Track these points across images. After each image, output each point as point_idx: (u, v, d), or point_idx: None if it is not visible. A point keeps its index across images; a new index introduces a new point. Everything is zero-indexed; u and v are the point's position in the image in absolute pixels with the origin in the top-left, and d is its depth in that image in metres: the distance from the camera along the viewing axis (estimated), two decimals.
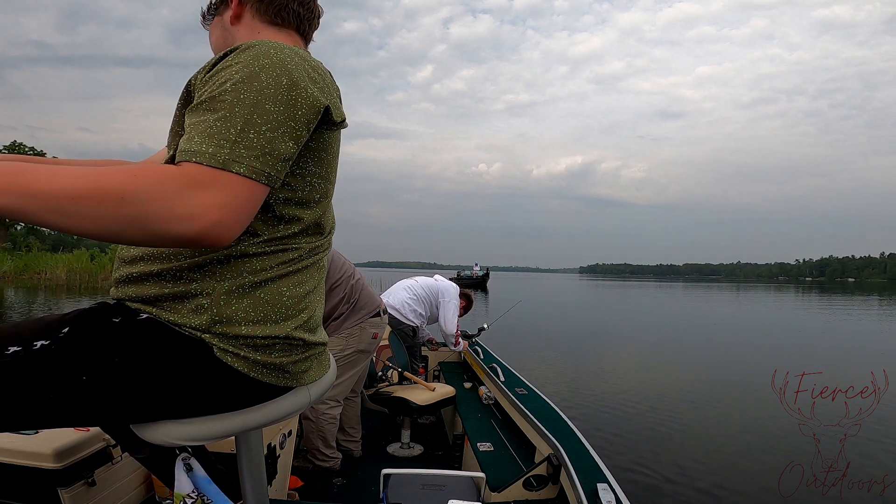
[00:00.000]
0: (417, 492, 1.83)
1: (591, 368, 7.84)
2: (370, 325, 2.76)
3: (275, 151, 0.70)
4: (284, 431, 2.06)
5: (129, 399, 0.79)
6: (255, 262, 0.82)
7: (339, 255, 2.83)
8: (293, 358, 0.88)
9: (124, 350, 0.77)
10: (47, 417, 0.77)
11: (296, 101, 0.74)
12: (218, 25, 1.01)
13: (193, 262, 0.80)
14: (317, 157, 0.85)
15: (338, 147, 0.91)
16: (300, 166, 0.83)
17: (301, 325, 0.88)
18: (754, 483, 3.51)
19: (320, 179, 0.87)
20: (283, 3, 0.99)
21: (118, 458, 1.60)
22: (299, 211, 0.85)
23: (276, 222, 0.84)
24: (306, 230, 0.88)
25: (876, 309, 23.64)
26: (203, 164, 0.65)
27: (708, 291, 44.66)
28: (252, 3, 0.99)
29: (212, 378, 0.82)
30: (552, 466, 1.86)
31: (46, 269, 24.76)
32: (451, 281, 4.21)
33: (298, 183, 0.84)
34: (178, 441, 0.86)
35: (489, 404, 3.07)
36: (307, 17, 1.02)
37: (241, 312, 0.81)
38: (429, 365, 4.27)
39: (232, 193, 0.65)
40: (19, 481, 1.42)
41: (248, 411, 0.89)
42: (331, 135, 0.86)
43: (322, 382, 1.00)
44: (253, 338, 0.82)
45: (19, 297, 16.15)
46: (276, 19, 0.99)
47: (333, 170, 0.91)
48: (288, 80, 0.73)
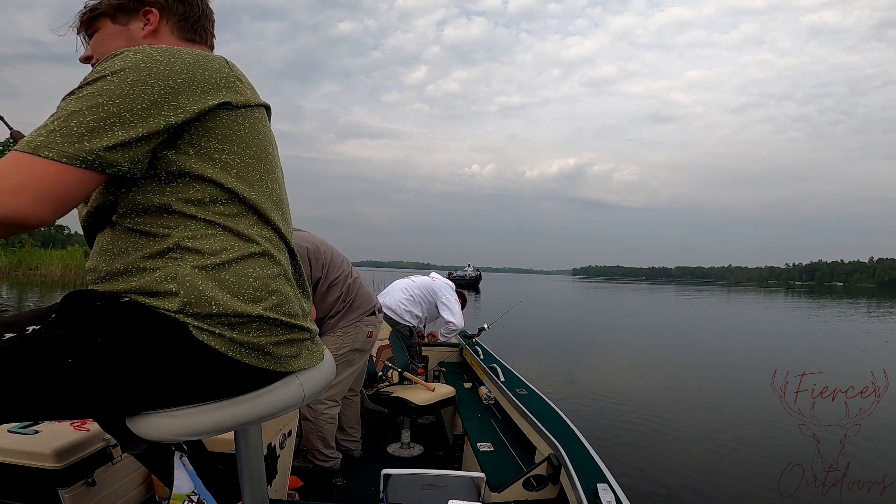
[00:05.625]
0: (417, 492, 1.83)
1: (591, 369, 7.84)
2: (365, 324, 2.77)
3: (98, 138, 0.74)
4: (284, 431, 2.06)
5: (114, 383, 0.80)
6: (206, 243, 0.84)
7: (338, 253, 2.84)
8: (272, 339, 0.89)
9: (107, 332, 0.80)
10: (39, 405, 0.79)
11: (137, 94, 0.77)
12: (120, 36, 1.00)
13: (150, 251, 0.83)
14: (220, 135, 0.86)
15: (253, 126, 0.92)
16: (202, 146, 0.85)
17: (273, 307, 0.89)
18: (754, 483, 3.51)
19: (233, 156, 0.88)
20: (200, 23, 1.04)
21: (118, 458, 1.60)
22: (222, 192, 0.87)
23: (208, 204, 0.86)
24: (245, 212, 0.89)
25: (864, 312, 23.71)
26: (19, 150, 0.71)
27: (700, 294, 44.70)
28: (173, 20, 1.02)
29: (193, 359, 0.83)
30: (552, 466, 1.86)
31: (41, 265, 24.76)
32: None
33: (207, 163, 0.85)
34: (170, 435, 0.87)
35: (489, 404, 3.07)
36: (212, 31, 1.08)
37: (208, 292, 0.83)
38: (429, 365, 4.27)
39: (37, 177, 0.70)
40: (19, 481, 1.41)
41: (239, 402, 0.89)
42: (232, 114, 0.88)
43: (317, 378, 1.00)
44: (225, 315, 0.83)
45: (13, 293, 16.12)
46: (195, 36, 1.04)
47: (253, 149, 0.91)
48: (134, 77, 0.78)
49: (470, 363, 4.01)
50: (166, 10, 1.01)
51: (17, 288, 17.82)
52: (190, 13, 1.03)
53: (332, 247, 2.83)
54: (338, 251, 2.85)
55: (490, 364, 3.48)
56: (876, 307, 29.15)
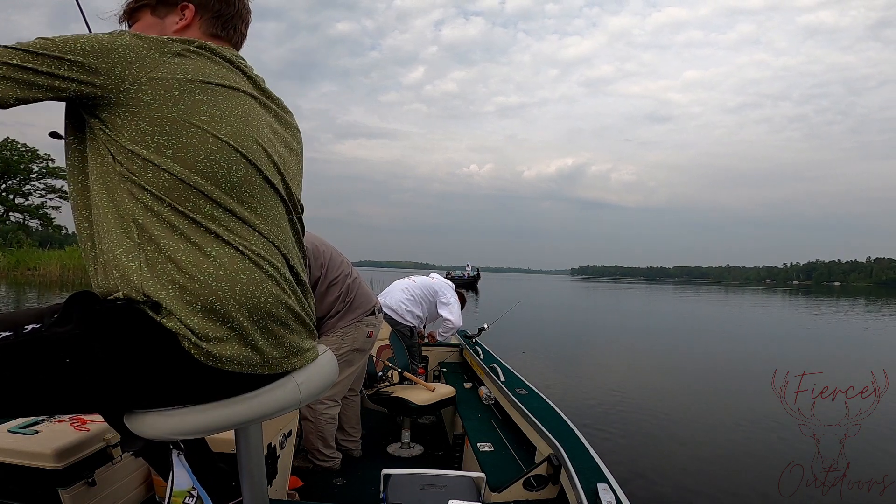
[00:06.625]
0: (417, 492, 1.83)
1: (591, 369, 7.84)
2: (365, 324, 2.77)
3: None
4: (284, 431, 2.06)
5: (108, 384, 0.81)
6: (186, 246, 0.83)
7: (337, 253, 2.84)
8: (259, 341, 0.87)
9: (102, 335, 0.80)
10: (35, 402, 0.81)
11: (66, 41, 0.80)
12: (155, 28, 1.01)
13: (134, 253, 0.83)
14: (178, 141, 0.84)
15: (214, 102, 0.88)
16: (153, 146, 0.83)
17: (260, 307, 0.87)
18: (754, 483, 3.51)
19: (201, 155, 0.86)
20: (232, 22, 1.04)
21: (118, 458, 1.60)
22: (195, 194, 0.85)
23: (185, 205, 0.84)
24: (224, 213, 0.87)
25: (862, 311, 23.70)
26: None
27: (698, 293, 44.72)
28: (207, 16, 1.02)
29: (182, 363, 0.82)
30: (552, 466, 1.86)
31: (39, 265, 24.71)
32: None
33: (172, 162, 0.83)
34: (165, 434, 0.87)
35: (489, 404, 3.07)
36: (242, 30, 1.08)
37: (190, 297, 0.82)
38: (429, 365, 4.27)
39: None
40: (19, 481, 1.41)
41: (233, 403, 0.89)
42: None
43: (315, 380, 0.99)
44: (208, 319, 0.83)
45: (12, 293, 16.13)
46: (221, 32, 1.04)
47: (204, 124, 0.86)
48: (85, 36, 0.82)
49: (470, 363, 4.01)
50: (203, 6, 1.02)
51: (16, 288, 17.81)
52: (225, 11, 1.03)
53: (331, 246, 2.83)
54: (337, 251, 2.85)
55: (490, 364, 3.48)
56: (874, 306, 29.18)
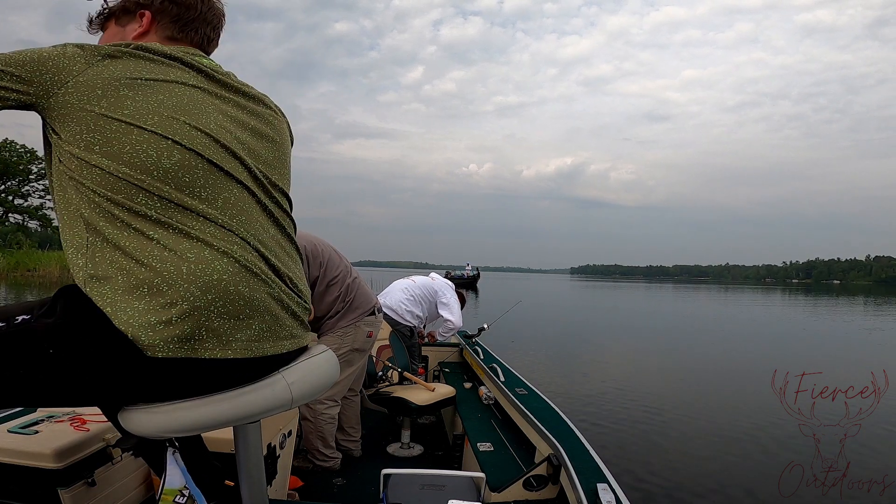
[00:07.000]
0: (417, 492, 1.83)
1: (591, 369, 7.84)
2: (365, 324, 2.77)
3: None
4: (284, 431, 2.06)
5: (89, 375, 0.82)
6: (140, 240, 0.82)
7: (337, 253, 2.84)
8: (223, 327, 0.84)
9: (83, 326, 0.81)
10: (26, 392, 0.83)
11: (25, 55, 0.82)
12: (117, 37, 1.03)
13: (96, 248, 0.82)
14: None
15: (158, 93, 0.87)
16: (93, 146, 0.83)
17: (218, 296, 0.84)
18: (754, 483, 3.51)
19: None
20: (192, 24, 1.04)
21: (118, 458, 1.60)
22: (136, 188, 0.83)
23: (139, 199, 0.83)
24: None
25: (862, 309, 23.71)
26: None
27: (698, 292, 44.72)
28: (165, 21, 1.02)
29: (132, 350, 0.81)
30: (552, 466, 1.86)
31: (39, 266, 24.74)
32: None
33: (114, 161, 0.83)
34: (154, 431, 0.87)
35: (489, 404, 3.07)
36: (207, 33, 1.07)
37: (142, 295, 0.81)
38: (429, 365, 4.27)
39: None
40: (19, 481, 1.41)
41: (219, 400, 0.88)
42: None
43: (308, 380, 0.98)
44: (164, 313, 0.81)
45: (12, 294, 16.13)
46: (179, 34, 1.04)
47: (127, 118, 0.84)
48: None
49: (470, 363, 4.01)
50: (160, 12, 1.02)
51: (16, 289, 17.82)
52: (184, 15, 1.03)
53: (331, 246, 2.83)
54: (337, 251, 2.85)
55: (490, 364, 3.48)
56: (874, 304, 29.17)
